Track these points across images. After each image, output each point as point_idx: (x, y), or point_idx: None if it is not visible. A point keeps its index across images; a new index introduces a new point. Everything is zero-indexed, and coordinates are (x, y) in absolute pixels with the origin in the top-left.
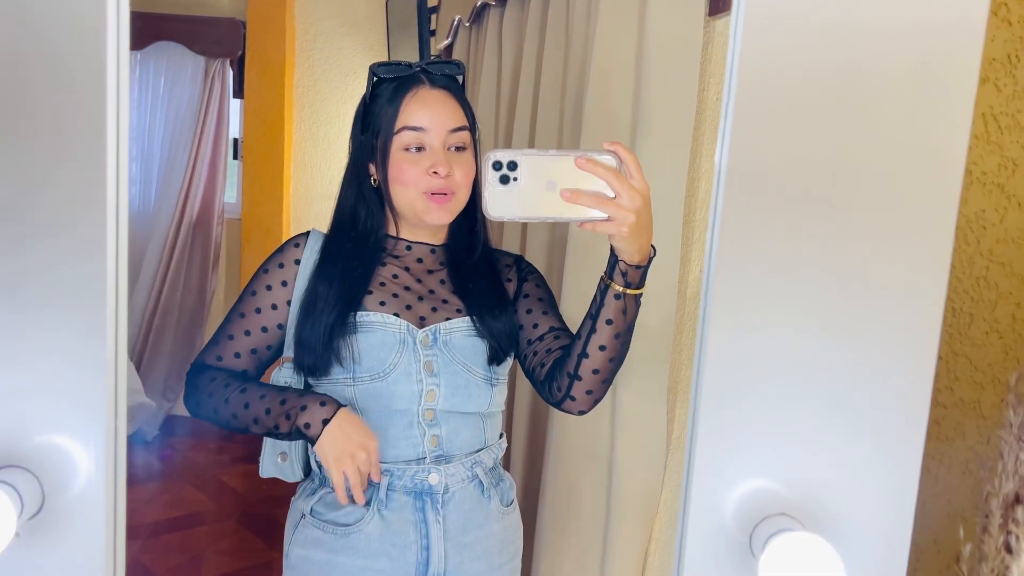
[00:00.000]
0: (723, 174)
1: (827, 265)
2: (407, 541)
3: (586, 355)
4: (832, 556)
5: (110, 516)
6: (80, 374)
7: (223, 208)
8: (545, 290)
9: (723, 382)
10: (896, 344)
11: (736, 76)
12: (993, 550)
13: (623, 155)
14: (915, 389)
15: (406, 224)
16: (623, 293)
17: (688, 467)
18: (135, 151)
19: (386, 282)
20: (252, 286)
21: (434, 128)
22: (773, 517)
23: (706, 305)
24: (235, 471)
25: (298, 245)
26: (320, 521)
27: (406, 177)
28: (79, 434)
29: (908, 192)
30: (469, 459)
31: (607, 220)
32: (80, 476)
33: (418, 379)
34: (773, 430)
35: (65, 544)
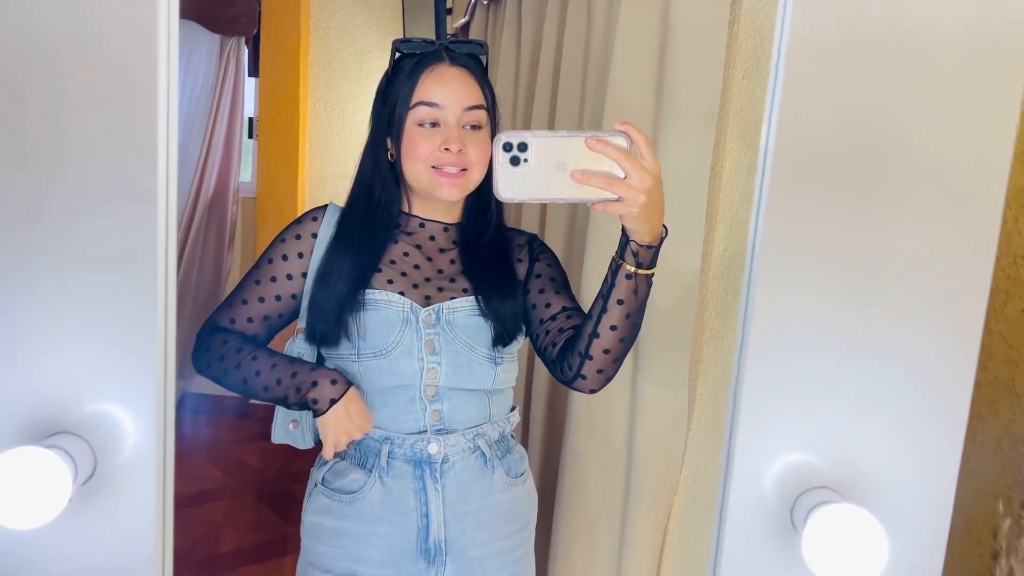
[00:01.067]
0: (770, 152)
1: (872, 244)
2: (407, 508)
3: (597, 335)
4: (876, 527)
5: (159, 481)
6: (131, 344)
7: (238, 187)
8: (558, 269)
9: (766, 358)
10: (940, 323)
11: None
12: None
13: (634, 135)
14: (959, 366)
15: (419, 201)
16: (634, 273)
17: (729, 442)
18: None
19: (396, 260)
20: (269, 254)
21: (449, 105)
22: (814, 490)
23: (750, 283)
24: (251, 447)
25: (316, 219)
26: (329, 489)
27: (417, 152)
28: (129, 402)
29: (955, 172)
30: (471, 431)
31: (618, 201)
32: (130, 442)
33: (419, 357)
34: (814, 406)
35: (116, 509)
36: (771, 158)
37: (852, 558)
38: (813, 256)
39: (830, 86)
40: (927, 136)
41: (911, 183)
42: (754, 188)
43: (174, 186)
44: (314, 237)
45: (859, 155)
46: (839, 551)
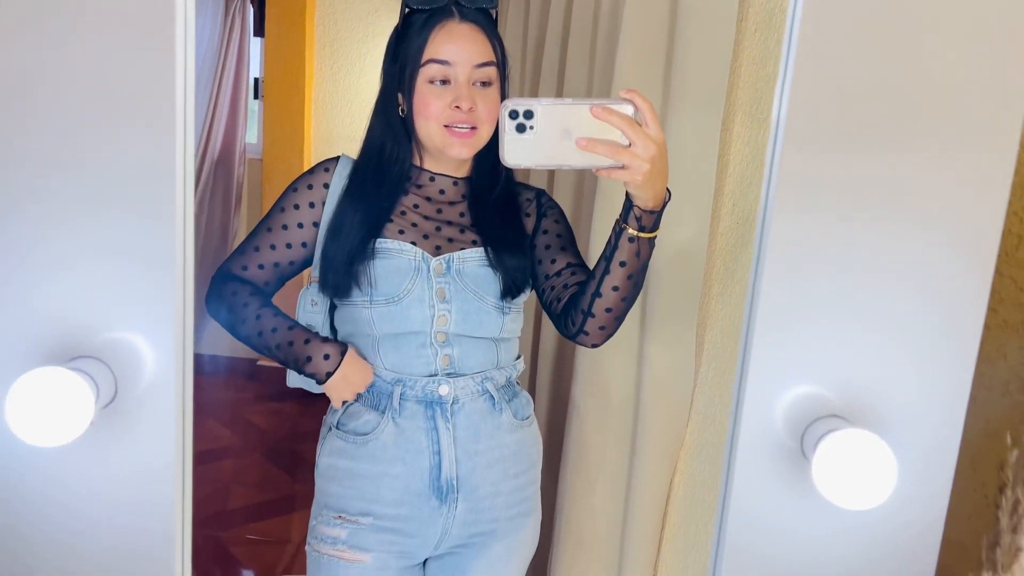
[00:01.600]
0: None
1: (887, 177)
2: (419, 447)
3: (599, 295)
4: (885, 451)
5: (179, 408)
6: (150, 269)
7: (244, 148)
8: (564, 226)
9: (779, 291)
10: (953, 255)
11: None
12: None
13: (639, 103)
14: (971, 296)
15: (429, 156)
16: (637, 236)
17: (740, 373)
18: None
19: (407, 211)
20: (281, 202)
21: (459, 62)
22: (824, 418)
23: (765, 217)
24: (259, 408)
25: (328, 169)
26: (343, 432)
27: (429, 110)
28: (150, 328)
29: (971, 110)
30: (479, 375)
31: (622, 168)
32: (150, 368)
33: (430, 304)
34: (825, 336)
35: (136, 433)
36: (788, 91)
37: (862, 482)
38: (827, 188)
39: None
40: (945, 71)
41: (927, 119)
42: (763, 142)
43: (191, 108)
44: (326, 188)
45: (877, 88)
46: (849, 475)
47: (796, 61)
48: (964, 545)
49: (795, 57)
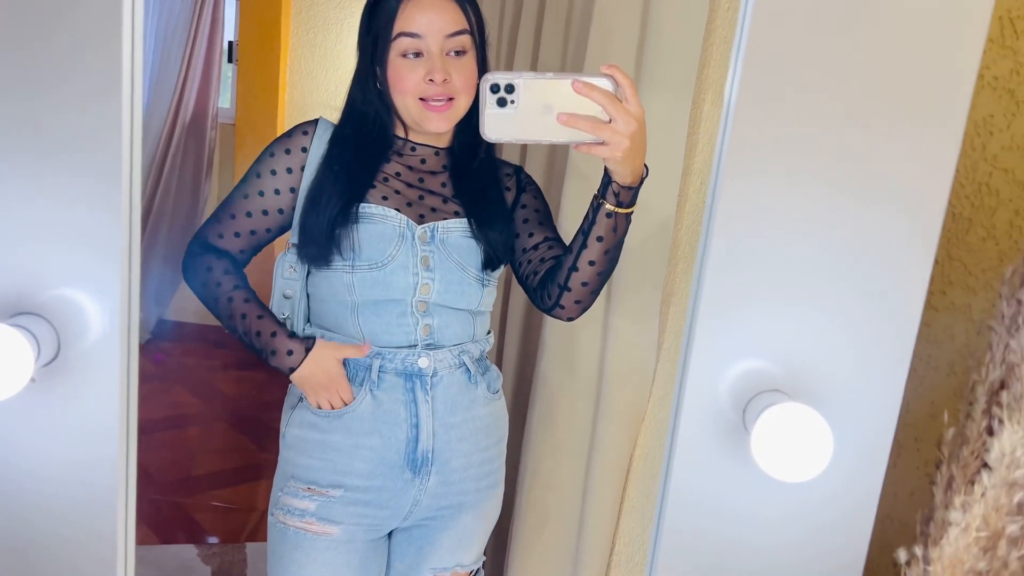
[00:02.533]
0: (741, 54)
1: (832, 153)
2: (397, 419)
3: (576, 269)
4: (821, 424)
5: (123, 366)
6: (95, 224)
7: (217, 112)
8: (542, 201)
9: (725, 267)
10: (896, 234)
11: None
12: (975, 434)
13: (620, 79)
14: (913, 276)
15: (409, 128)
16: (614, 212)
17: (686, 346)
18: None
19: (389, 178)
20: (257, 167)
21: (430, 34)
22: (766, 392)
23: (714, 189)
24: (227, 376)
25: (306, 133)
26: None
27: (403, 85)
28: (95, 284)
29: (920, 92)
30: (457, 348)
31: (602, 144)
32: (95, 326)
33: (414, 272)
34: (771, 312)
35: (80, 393)
36: (743, 56)
37: (798, 454)
38: (776, 163)
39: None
40: (894, 50)
41: (874, 98)
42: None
43: (140, 53)
44: (304, 152)
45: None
46: (785, 447)
47: (749, 37)
48: (904, 522)
49: (748, 33)
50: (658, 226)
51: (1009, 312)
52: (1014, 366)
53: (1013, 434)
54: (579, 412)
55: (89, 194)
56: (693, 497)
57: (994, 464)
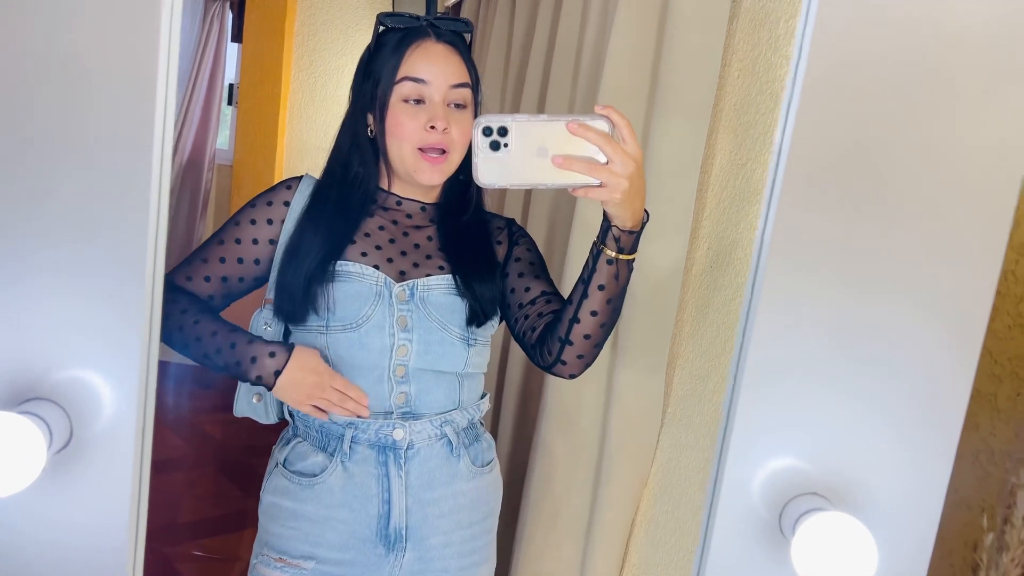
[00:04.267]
0: (783, 155)
1: (878, 256)
2: (368, 494)
3: (578, 320)
4: (866, 536)
5: (138, 452)
6: (116, 310)
7: (215, 153)
8: (536, 254)
9: (764, 362)
10: (939, 334)
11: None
12: (1016, 541)
13: (616, 119)
14: (956, 378)
15: (398, 179)
16: (616, 258)
17: (722, 444)
18: None
19: (371, 233)
20: (237, 217)
21: (435, 81)
22: (804, 496)
23: (754, 286)
24: (214, 418)
25: (290, 187)
26: (289, 471)
27: (403, 131)
28: (110, 370)
29: (968, 183)
30: (439, 418)
31: (600, 186)
32: (108, 411)
33: (391, 333)
34: (808, 412)
35: (91, 479)
36: (786, 154)
37: (841, 567)
38: (818, 259)
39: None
40: (944, 144)
41: (924, 190)
42: (742, 188)
43: (168, 145)
44: (286, 205)
45: (875, 155)
46: (828, 559)
47: (796, 123)
48: None
49: (794, 119)
50: (667, 275)
51: None
52: None
53: None
54: (581, 475)
55: (107, 271)
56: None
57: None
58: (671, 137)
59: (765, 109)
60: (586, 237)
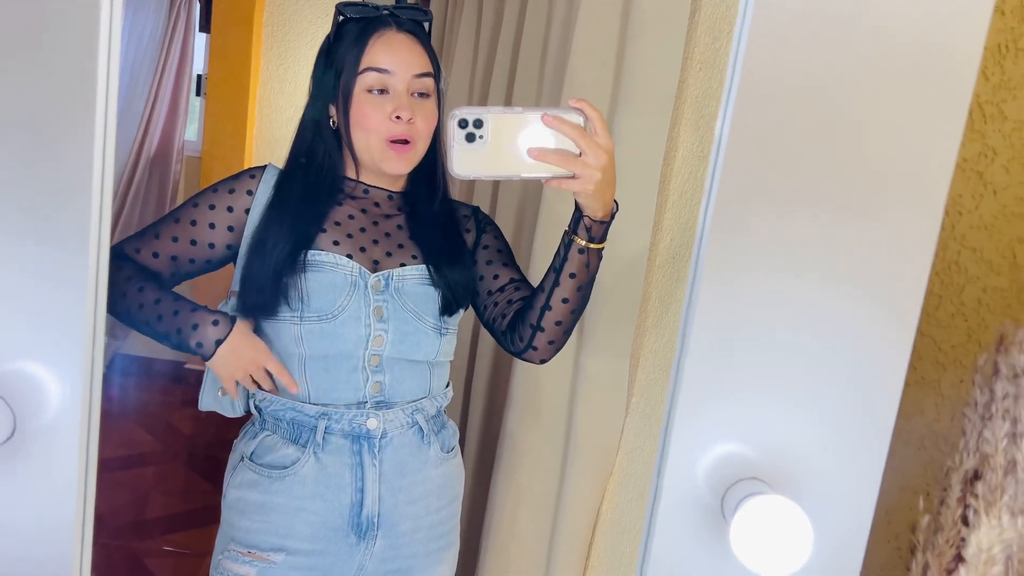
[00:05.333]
0: (722, 149)
1: (814, 242)
2: (342, 483)
3: (549, 307)
4: (802, 519)
5: (83, 445)
6: (59, 300)
7: (183, 145)
8: (503, 242)
9: (706, 349)
10: (875, 322)
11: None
12: (950, 522)
13: (589, 113)
14: (891, 365)
15: (363, 168)
16: (586, 248)
17: (665, 430)
18: None
19: (341, 222)
20: (196, 199)
21: (399, 71)
22: (745, 481)
23: (695, 274)
24: (183, 412)
25: (254, 176)
26: (257, 464)
27: (368, 122)
28: (55, 361)
29: (900, 175)
30: (410, 406)
31: (573, 178)
32: (54, 404)
33: (366, 324)
34: (750, 397)
35: (36, 472)
36: (724, 147)
37: (778, 549)
38: (758, 247)
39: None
40: (877, 137)
41: (858, 182)
42: (704, 180)
43: (112, 124)
44: (249, 195)
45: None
46: (765, 542)
47: (733, 116)
48: None
49: (732, 112)
50: (630, 265)
51: (982, 400)
52: (988, 456)
53: (991, 530)
54: (546, 464)
55: (51, 270)
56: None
57: (971, 559)
58: (634, 130)
59: None
60: (553, 227)
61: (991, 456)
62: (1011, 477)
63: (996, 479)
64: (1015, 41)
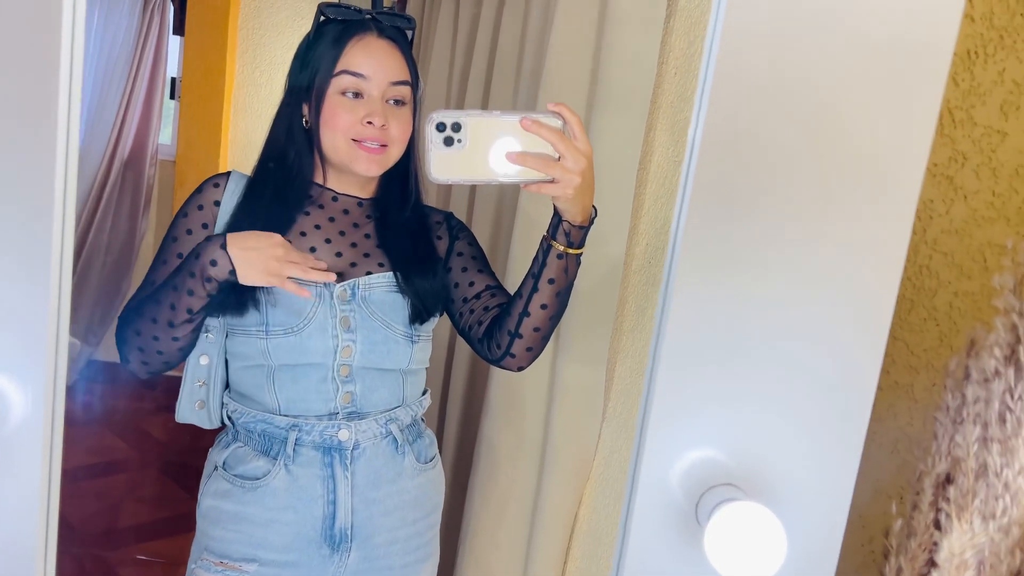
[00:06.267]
0: (694, 158)
1: (788, 251)
2: (313, 495)
3: (527, 314)
4: (776, 525)
5: (46, 458)
6: (19, 310)
7: (157, 149)
8: (477, 248)
9: (679, 355)
10: (847, 328)
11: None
12: (923, 526)
13: (567, 116)
14: (864, 369)
15: (334, 173)
16: (565, 253)
17: (639, 436)
18: None
19: (307, 232)
20: (173, 231)
21: (375, 77)
22: (719, 487)
23: (668, 280)
24: (157, 419)
25: (217, 185)
26: (230, 474)
27: (338, 122)
28: (16, 373)
29: (872, 181)
30: (384, 416)
31: (552, 182)
32: (15, 416)
33: (334, 334)
34: (724, 403)
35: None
36: (697, 152)
37: (752, 555)
38: (731, 253)
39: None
40: (849, 146)
41: (830, 186)
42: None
43: (75, 132)
44: (216, 205)
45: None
46: (738, 547)
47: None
48: None
49: (704, 119)
50: (607, 269)
51: (954, 404)
52: (960, 460)
53: (962, 535)
54: (523, 470)
55: (14, 275)
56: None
57: (943, 564)
58: (610, 133)
59: None
60: (529, 233)
61: (963, 460)
62: (982, 481)
63: (968, 483)
64: (984, 47)
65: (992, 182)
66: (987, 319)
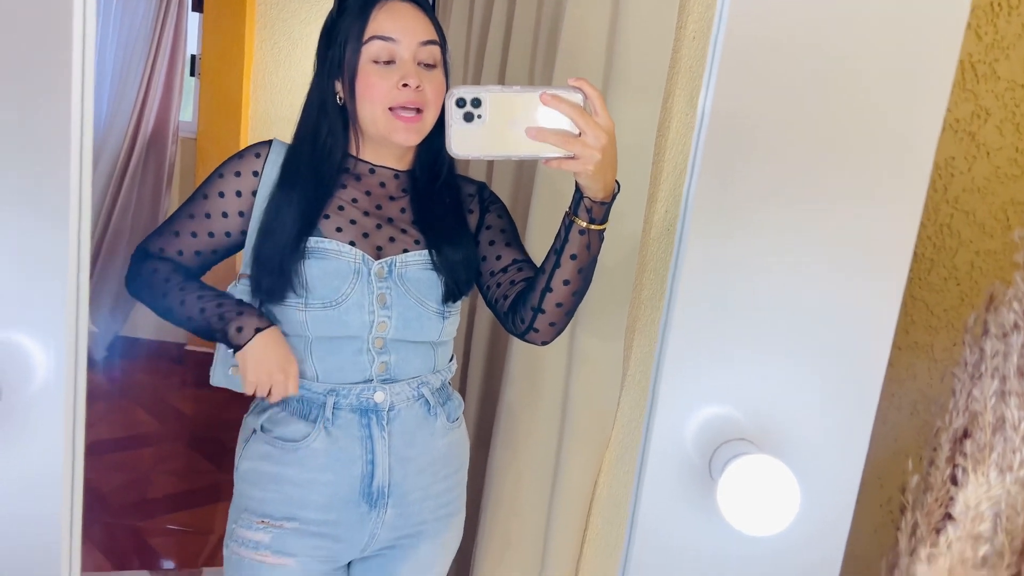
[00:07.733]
0: (707, 113)
1: (801, 209)
2: (352, 456)
3: (550, 289)
4: (789, 478)
5: (69, 415)
6: (41, 269)
7: (178, 126)
8: (508, 220)
9: (693, 311)
10: (862, 285)
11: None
12: (939, 481)
13: (588, 92)
14: (879, 326)
15: (371, 145)
16: (587, 229)
17: (653, 392)
18: None
19: (345, 206)
20: (205, 188)
21: (404, 39)
22: (732, 442)
23: (682, 235)
24: (184, 393)
25: (259, 155)
26: (270, 436)
27: (374, 92)
28: (38, 331)
29: (887, 137)
30: (415, 380)
31: (573, 158)
32: (39, 374)
33: (370, 310)
34: (737, 359)
35: (21, 442)
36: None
37: (765, 507)
38: (743, 215)
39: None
40: (863, 102)
41: (844, 145)
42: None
43: (90, 95)
44: (255, 176)
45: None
46: (753, 501)
47: (717, 83)
48: (867, 560)
49: (716, 80)
50: (625, 242)
51: (972, 359)
52: (977, 415)
53: (978, 487)
54: (543, 437)
55: (33, 231)
56: (659, 542)
57: (959, 516)
58: (627, 105)
59: None
60: (548, 206)
61: (980, 414)
62: (999, 435)
63: (985, 437)
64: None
65: (1015, 138)
66: (1008, 277)
